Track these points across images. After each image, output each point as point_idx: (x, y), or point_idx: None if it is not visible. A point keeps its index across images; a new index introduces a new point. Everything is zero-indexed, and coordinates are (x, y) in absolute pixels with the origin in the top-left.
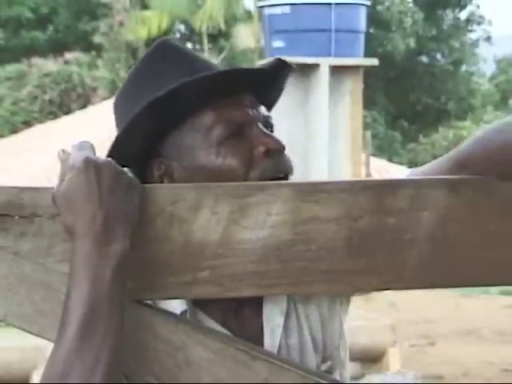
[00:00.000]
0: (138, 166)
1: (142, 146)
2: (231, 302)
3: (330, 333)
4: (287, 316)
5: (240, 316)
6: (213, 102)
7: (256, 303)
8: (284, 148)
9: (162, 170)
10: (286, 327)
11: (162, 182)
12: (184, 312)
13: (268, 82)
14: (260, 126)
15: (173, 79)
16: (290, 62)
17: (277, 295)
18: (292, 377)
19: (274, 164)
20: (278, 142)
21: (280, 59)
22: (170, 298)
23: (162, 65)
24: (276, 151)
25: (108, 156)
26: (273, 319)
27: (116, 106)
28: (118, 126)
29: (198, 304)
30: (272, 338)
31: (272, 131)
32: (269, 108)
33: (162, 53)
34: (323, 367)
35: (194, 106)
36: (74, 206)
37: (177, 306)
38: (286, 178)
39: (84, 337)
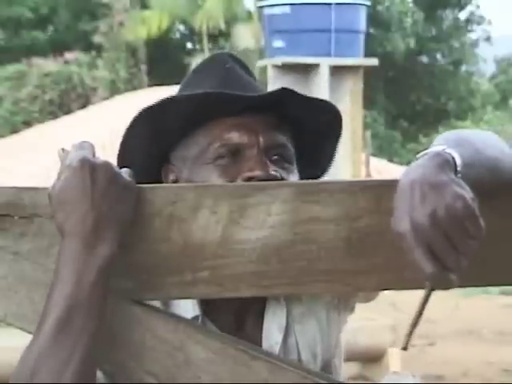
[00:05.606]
0: (152, 166)
1: (152, 146)
2: (232, 313)
3: (328, 344)
4: (287, 334)
5: (241, 329)
6: (218, 119)
7: (257, 315)
8: (272, 180)
9: (174, 176)
10: (285, 345)
11: None
12: (195, 318)
13: (297, 106)
14: (259, 152)
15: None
16: (295, 91)
17: (277, 308)
18: (292, 377)
19: None
20: (265, 174)
21: (283, 88)
22: (170, 299)
23: (200, 76)
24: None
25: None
26: (271, 336)
27: None
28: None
29: (205, 311)
30: None
31: (282, 158)
32: (326, 134)
33: (208, 65)
34: None
35: (194, 121)
36: (67, 204)
37: (188, 310)
38: None
39: (58, 335)
